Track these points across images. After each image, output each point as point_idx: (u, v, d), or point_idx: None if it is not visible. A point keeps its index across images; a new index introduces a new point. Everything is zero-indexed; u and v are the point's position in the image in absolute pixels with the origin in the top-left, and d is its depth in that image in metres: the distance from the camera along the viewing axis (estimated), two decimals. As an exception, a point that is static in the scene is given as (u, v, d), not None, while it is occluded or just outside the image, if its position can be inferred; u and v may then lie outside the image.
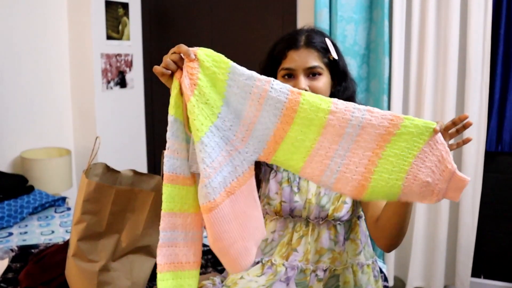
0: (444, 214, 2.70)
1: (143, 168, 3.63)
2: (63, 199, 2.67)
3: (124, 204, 1.46)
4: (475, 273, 2.82)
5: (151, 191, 1.48)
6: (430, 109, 2.69)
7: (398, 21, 2.67)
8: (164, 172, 1.07)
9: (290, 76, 1.44)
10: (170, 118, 1.08)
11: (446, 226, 2.73)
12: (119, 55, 3.33)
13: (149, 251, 1.55)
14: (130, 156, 3.47)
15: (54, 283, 1.66)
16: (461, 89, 2.65)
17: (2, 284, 1.72)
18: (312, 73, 1.43)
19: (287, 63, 1.44)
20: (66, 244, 1.82)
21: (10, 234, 2.27)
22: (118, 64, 3.33)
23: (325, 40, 1.48)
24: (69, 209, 2.60)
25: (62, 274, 1.67)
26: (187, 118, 1.07)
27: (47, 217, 2.49)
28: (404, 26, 2.71)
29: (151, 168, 3.65)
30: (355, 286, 1.43)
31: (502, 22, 2.60)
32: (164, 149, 1.09)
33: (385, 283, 1.71)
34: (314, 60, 1.43)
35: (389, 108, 2.75)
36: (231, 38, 3.37)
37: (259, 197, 1.49)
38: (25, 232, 2.30)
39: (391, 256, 2.85)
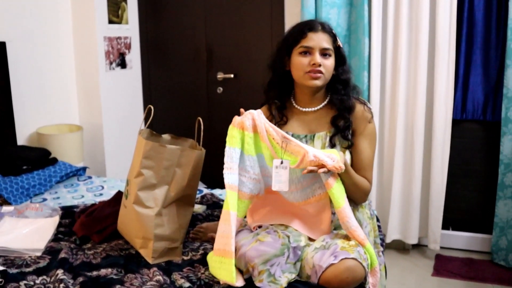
0: (417, 174, 3.10)
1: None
2: (84, 169, 2.95)
3: (173, 160, 1.78)
4: (444, 225, 3.23)
5: (194, 150, 1.81)
6: (405, 83, 3.07)
7: (376, 5, 3.04)
8: (225, 182, 1.63)
9: (306, 53, 1.79)
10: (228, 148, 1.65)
11: (419, 185, 3.12)
12: (119, 38, 3.59)
13: (190, 200, 1.87)
14: (130, 129, 3.77)
15: (106, 231, 1.98)
16: (431, 65, 3.03)
17: (59, 236, 2.03)
18: (325, 53, 1.78)
19: (306, 42, 1.79)
20: (111, 200, 2.13)
21: (45, 199, 2.56)
22: (119, 47, 3.59)
23: (333, 30, 1.84)
24: (90, 177, 2.88)
25: (112, 224, 1.98)
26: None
27: (72, 185, 2.77)
28: (381, 10, 3.08)
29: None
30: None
31: (465, 7, 2.99)
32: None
33: (378, 223, 2.09)
34: (327, 43, 1.79)
35: (369, 83, 3.12)
36: (223, 20, 3.67)
37: None
38: (58, 197, 2.59)
39: (372, 213, 3.24)
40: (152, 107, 1.83)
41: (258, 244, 1.59)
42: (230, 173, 1.64)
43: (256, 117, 1.67)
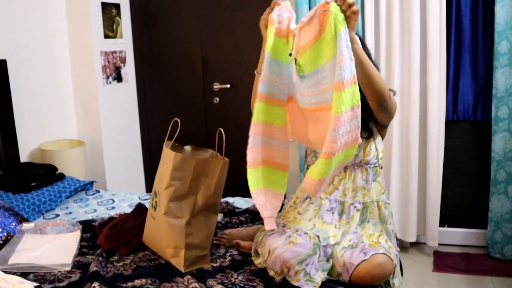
0: (414, 175, 3.22)
1: (138, 148, 3.98)
2: (91, 183, 2.96)
3: (200, 170, 1.83)
4: (440, 223, 3.35)
5: (220, 159, 1.87)
6: (399, 87, 3.19)
7: (369, 13, 3.15)
8: (258, 92, 1.70)
9: None
10: (266, 54, 1.71)
11: (416, 184, 3.24)
12: (115, 52, 3.62)
13: (215, 208, 1.93)
14: (128, 142, 3.80)
15: (132, 243, 2.02)
16: (423, 69, 3.16)
17: (84, 250, 2.05)
18: None
19: None
20: (133, 212, 2.17)
21: (57, 215, 2.57)
22: (115, 61, 3.62)
23: None
24: (98, 191, 2.90)
25: (137, 236, 2.02)
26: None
27: (81, 199, 2.79)
28: (374, 17, 3.19)
29: (146, 149, 4.00)
30: (379, 217, 1.90)
31: (452, 13, 3.14)
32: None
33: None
34: None
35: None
36: (218, 31, 3.71)
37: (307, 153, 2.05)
38: (70, 212, 2.60)
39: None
40: (178, 120, 1.88)
41: (292, 246, 1.67)
42: (267, 84, 1.72)
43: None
